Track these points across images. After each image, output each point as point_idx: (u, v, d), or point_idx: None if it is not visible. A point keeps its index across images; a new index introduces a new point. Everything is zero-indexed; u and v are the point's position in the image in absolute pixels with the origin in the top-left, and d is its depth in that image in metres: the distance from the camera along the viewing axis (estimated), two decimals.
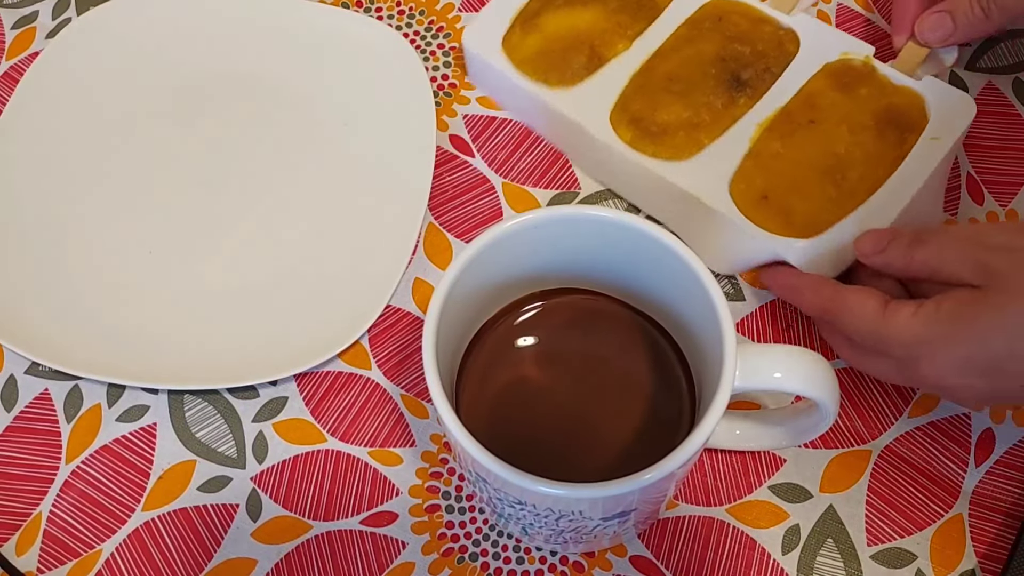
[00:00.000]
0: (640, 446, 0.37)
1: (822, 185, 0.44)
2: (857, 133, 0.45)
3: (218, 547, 0.41)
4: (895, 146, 0.45)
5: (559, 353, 0.40)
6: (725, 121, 0.46)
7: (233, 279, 0.47)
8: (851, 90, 0.46)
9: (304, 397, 0.44)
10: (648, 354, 0.40)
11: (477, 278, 0.37)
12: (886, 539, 0.41)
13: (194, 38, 0.53)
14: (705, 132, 0.46)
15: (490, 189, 0.49)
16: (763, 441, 0.41)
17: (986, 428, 0.43)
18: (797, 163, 0.45)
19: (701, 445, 0.33)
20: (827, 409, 0.36)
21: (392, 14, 0.55)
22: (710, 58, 0.48)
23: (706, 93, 0.47)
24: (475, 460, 0.32)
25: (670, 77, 0.47)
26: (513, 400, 0.39)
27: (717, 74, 0.47)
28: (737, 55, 0.48)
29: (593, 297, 0.41)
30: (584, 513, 0.34)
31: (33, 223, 0.48)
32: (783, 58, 0.47)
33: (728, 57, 0.48)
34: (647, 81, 0.48)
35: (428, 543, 0.41)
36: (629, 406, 0.38)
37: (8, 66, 0.54)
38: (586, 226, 0.37)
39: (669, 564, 0.41)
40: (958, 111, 0.45)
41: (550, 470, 0.32)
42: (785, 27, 0.48)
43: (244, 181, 0.49)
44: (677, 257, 0.36)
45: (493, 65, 0.49)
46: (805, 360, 0.35)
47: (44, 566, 0.41)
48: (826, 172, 0.45)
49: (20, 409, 0.45)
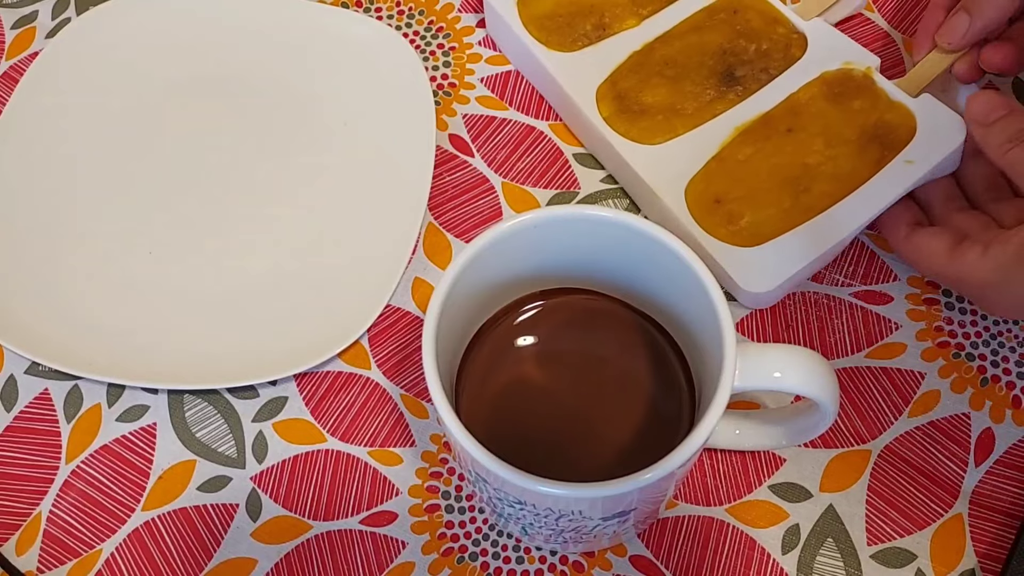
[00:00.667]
0: (640, 446, 0.37)
1: (779, 195, 0.44)
2: (834, 146, 0.45)
3: (218, 547, 0.41)
4: (872, 164, 0.44)
5: (559, 353, 0.40)
6: (706, 115, 0.46)
7: (233, 279, 0.47)
8: (843, 102, 0.46)
9: (304, 397, 0.44)
10: (648, 354, 0.40)
11: (477, 278, 0.37)
12: (886, 538, 0.41)
13: (194, 38, 0.53)
14: (683, 122, 0.46)
15: (490, 189, 0.49)
16: (763, 441, 0.41)
17: (986, 428, 0.43)
18: (761, 171, 0.45)
19: (701, 445, 0.33)
20: (827, 409, 0.36)
21: (392, 14, 0.55)
22: (712, 49, 0.48)
23: (696, 83, 0.47)
24: (475, 460, 0.32)
25: (666, 61, 0.48)
26: (513, 400, 0.39)
27: (713, 66, 0.47)
28: (739, 51, 0.48)
29: (593, 297, 0.41)
30: (584, 513, 0.34)
31: (33, 223, 0.48)
32: (785, 62, 0.47)
33: (730, 51, 0.48)
34: (644, 61, 0.48)
35: (428, 543, 0.41)
36: (629, 406, 0.38)
37: (8, 66, 0.54)
38: (586, 226, 0.37)
39: (669, 564, 0.41)
40: (945, 136, 0.44)
41: (550, 470, 0.32)
42: (798, 32, 0.48)
43: (244, 180, 0.49)
44: (677, 257, 0.36)
45: (503, 17, 0.50)
46: (805, 360, 0.35)
47: (44, 566, 0.41)
48: (788, 182, 0.44)
49: (20, 409, 0.45)
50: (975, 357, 0.45)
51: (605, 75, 0.48)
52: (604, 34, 0.49)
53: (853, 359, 0.45)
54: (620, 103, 0.47)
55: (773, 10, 0.49)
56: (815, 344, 0.45)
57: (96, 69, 0.52)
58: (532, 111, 0.51)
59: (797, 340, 0.45)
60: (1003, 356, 0.44)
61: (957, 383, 0.44)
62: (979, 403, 0.44)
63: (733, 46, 0.48)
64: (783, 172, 0.44)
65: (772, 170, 0.45)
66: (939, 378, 0.44)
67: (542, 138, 0.51)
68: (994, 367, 0.44)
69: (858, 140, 0.45)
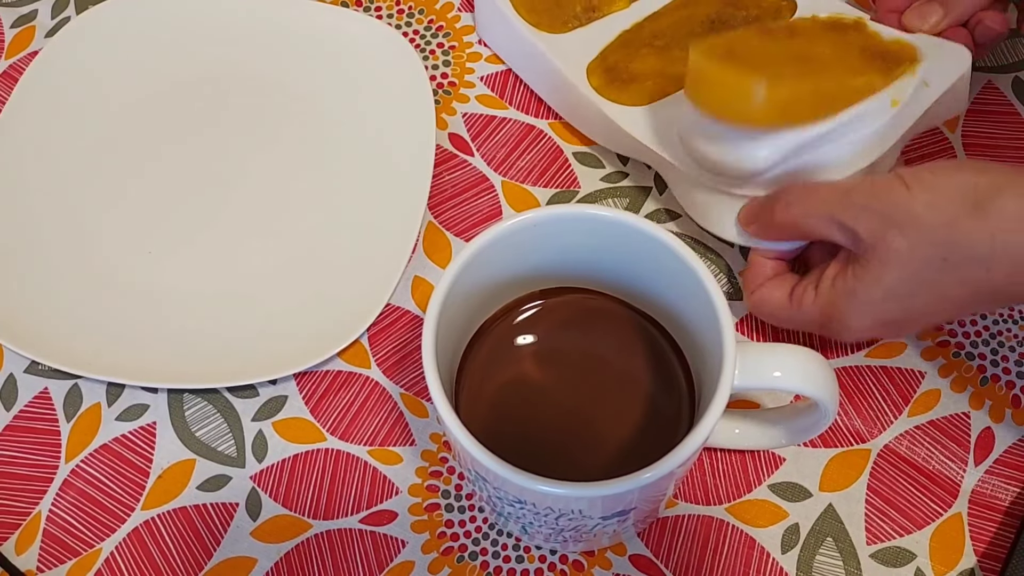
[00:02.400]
0: (640, 445, 0.37)
1: (786, 68, 0.40)
2: (840, 49, 0.42)
3: (218, 546, 0.41)
4: (881, 73, 0.41)
5: (558, 352, 0.40)
6: None
7: (233, 278, 0.47)
8: (839, 33, 0.44)
9: (304, 396, 0.44)
10: (648, 353, 0.40)
11: (476, 277, 0.37)
12: (885, 538, 0.41)
13: (193, 37, 0.53)
14: (674, 84, 0.46)
15: (489, 188, 0.49)
16: (762, 440, 0.41)
17: (985, 427, 0.43)
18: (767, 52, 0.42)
19: (700, 444, 0.33)
20: (826, 408, 0.36)
21: (392, 13, 0.55)
22: (700, 19, 0.48)
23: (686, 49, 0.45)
24: (474, 459, 0.32)
25: (655, 34, 0.48)
26: (513, 399, 0.39)
27: (702, 34, 0.47)
28: (728, 18, 0.48)
29: (592, 296, 0.41)
30: (584, 512, 0.34)
31: (32, 222, 0.48)
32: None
33: (718, 20, 0.48)
34: (633, 38, 0.48)
35: (428, 542, 0.41)
36: (629, 405, 0.38)
37: (7, 65, 0.54)
38: (585, 225, 0.37)
39: (668, 563, 0.41)
40: (951, 64, 0.43)
41: (550, 469, 0.32)
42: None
43: (243, 180, 0.49)
44: (676, 256, 0.36)
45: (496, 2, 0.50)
46: (804, 359, 0.35)
47: (44, 565, 0.41)
48: (795, 60, 0.41)
49: (20, 408, 0.45)
50: (975, 356, 0.45)
51: (595, 53, 0.48)
52: (594, 16, 0.50)
53: (853, 358, 0.45)
54: (610, 74, 0.47)
55: None
56: (815, 343, 0.45)
57: (95, 68, 0.52)
58: (532, 110, 0.51)
59: (797, 339, 0.45)
60: (1003, 355, 0.44)
61: (957, 382, 0.44)
62: (979, 402, 0.44)
63: (721, 14, 0.48)
64: (787, 54, 0.41)
65: (779, 52, 0.41)
66: (939, 377, 0.44)
67: (542, 137, 0.51)
68: (994, 366, 0.44)
69: (861, 55, 0.42)
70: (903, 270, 0.36)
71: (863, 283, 0.37)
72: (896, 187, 0.36)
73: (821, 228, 0.38)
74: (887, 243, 0.36)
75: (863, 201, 0.37)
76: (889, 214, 0.36)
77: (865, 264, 0.37)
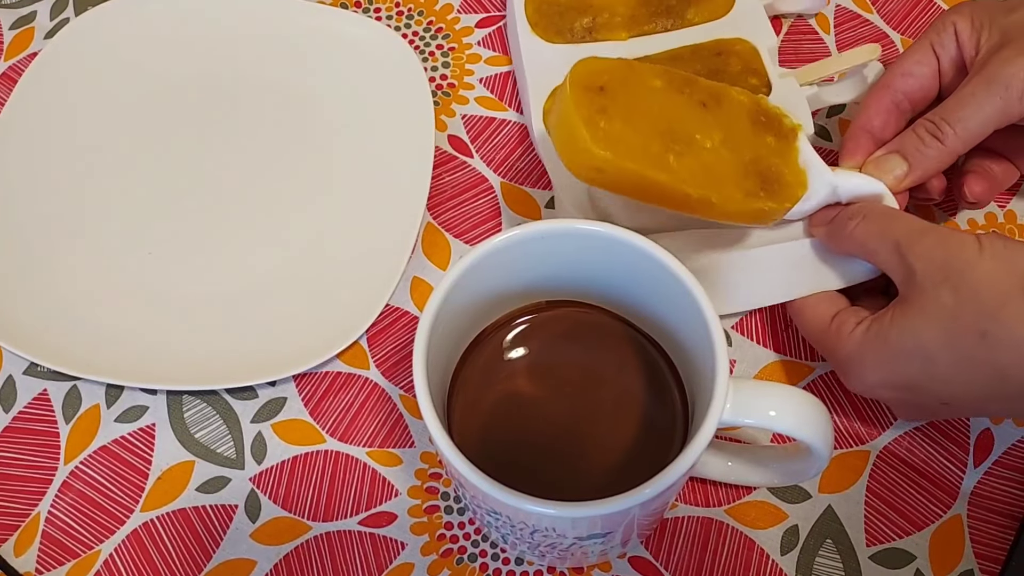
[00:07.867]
0: (633, 461, 0.37)
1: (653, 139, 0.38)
2: (745, 146, 0.39)
3: (217, 548, 0.41)
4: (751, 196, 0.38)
5: (552, 366, 0.39)
6: None
7: (232, 280, 0.47)
8: (760, 128, 0.40)
9: (303, 398, 0.44)
10: (642, 368, 0.39)
11: (470, 291, 0.36)
12: (885, 539, 0.41)
13: (193, 39, 0.53)
14: None
15: (488, 189, 0.49)
16: (753, 478, 0.40)
17: (985, 429, 0.43)
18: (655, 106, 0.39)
19: (679, 477, 0.32)
20: (820, 454, 0.35)
21: (391, 15, 0.55)
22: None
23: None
24: (448, 459, 0.32)
25: None
26: (506, 412, 0.38)
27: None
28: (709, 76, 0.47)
29: (587, 310, 0.41)
30: (556, 530, 0.33)
31: (32, 223, 0.48)
32: None
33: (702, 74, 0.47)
34: None
35: (427, 544, 0.41)
36: (622, 420, 0.38)
37: (6, 66, 0.54)
38: (581, 240, 0.37)
39: (668, 565, 0.41)
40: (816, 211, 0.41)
41: (543, 482, 0.32)
42: (768, 85, 0.47)
43: (243, 181, 0.49)
44: (671, 274, 0.35)
45: None
46: (799, 403, 0.34)
47: (43, 567, 0.41)
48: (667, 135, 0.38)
49: (19, 410, 0.45)
50: None
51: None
52: (589, 38, 0.49)
53: None
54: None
55: (757, 63, 0.48)
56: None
57: (95, 70, 0.52)
58: None
59: (796, 339, 0.45)
60: None
61: None
62: None
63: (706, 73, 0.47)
64: (669, 122, 0.38)
65: (663, 112, 0.39)
66: None
67: None
68: None
69: (746, 165, 0.39)
70: (941, 329, 0.35)
71: (897, 329, 0.36)
72: (968, 244, 0.36)
73: (883, 254, 0.38)
74: (936, 295, 0.35)
75: (932, 244, 0.36)
76: (951, 266, 0.35)
77: (906, 310, 0.36)
